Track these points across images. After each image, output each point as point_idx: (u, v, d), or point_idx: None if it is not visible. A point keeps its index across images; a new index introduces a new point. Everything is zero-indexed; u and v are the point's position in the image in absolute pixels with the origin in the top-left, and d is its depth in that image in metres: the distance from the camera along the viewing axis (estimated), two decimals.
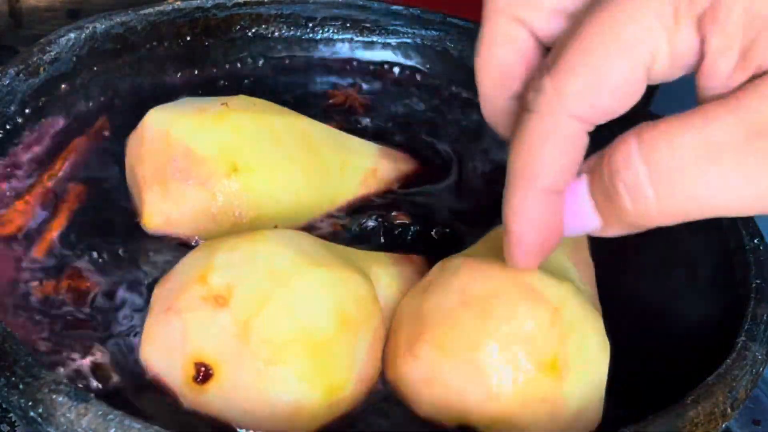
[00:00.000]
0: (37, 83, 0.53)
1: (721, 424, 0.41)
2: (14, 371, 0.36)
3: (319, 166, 0.50)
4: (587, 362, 0.41)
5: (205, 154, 0.46)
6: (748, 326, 0.44)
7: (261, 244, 0.41)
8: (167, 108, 0.49)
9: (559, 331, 0.40)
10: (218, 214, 0.46)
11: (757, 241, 0.50)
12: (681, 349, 0.48)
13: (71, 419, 0.35)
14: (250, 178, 0.47)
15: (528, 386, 0.39)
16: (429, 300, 0.42)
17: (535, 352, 0.40)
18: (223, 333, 0.38)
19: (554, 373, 0.40)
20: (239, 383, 0.38)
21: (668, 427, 0.39)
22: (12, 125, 0.51)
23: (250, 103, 0.50)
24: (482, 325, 0.40)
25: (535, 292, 0.41)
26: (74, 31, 0.55)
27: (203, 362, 0.38)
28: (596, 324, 0.42)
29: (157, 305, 0.41)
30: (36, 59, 0.52)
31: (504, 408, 0.40)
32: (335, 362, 0.39)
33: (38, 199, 0.48)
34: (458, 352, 0.40)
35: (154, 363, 0.40)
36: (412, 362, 0.41)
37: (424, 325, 0.41)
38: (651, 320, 0.49)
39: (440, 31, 0.65)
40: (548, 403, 0.40)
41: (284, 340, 0.38)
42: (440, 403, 0.40)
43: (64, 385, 0.36)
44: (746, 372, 0.42)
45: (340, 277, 0.41)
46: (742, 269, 0.49)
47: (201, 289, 0.39)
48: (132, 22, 0.58)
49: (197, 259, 0.41)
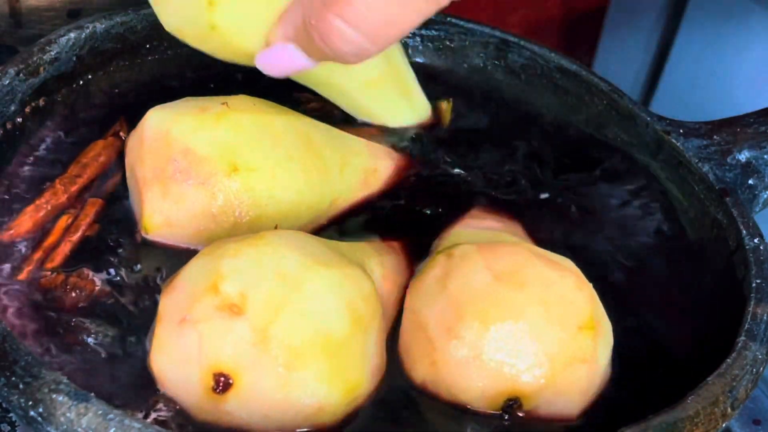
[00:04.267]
0: (37, 83, 0.53)
1: (721, 424, 0.41)
2: (14, 371, 0.36)
3: (319, 165, 0.50)
4: (607, 325, 0.44)
5: (205, 154, 0.46)
6: (748, 326, 0.45)
7: (265, 247, 0.41)
8: (167, 108, 0.49)
9: (587, 293, 0.43)
10: (218, 214, 0.46)
11: (757, 241, 0.50)
12: (681, 349, 0.48)
13: (71, 419, 0.35)
14: (250, 178, 0.46)
15: (571, 346, 0.41)
16: (455, 285, 0.43)
17: (575, 313, 0.42)
18: (241, 342, 0.38)
19: (592, 333, 0.42)
20: (260, 390, 0.38)
21: (668, 427, 0.39)
22: (12, 125, 0.51)
23: (251, 103, 0.50)
24: (521, 294, 0.41)
25: (554, 262, 0.43)
26: (74, 31, 0.55)
27: (222, 372, 0.38)
28: (594, 293, 0.44)
29: (168, 316, 0.40)
30: (36, 59, 0.52)
31: (551, 371, 0.41)
32: (351, 361, 0.40)
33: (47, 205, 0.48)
34: (503, 324, 0.41)
35: (168, 374, 0.40)
36: (456, 344, 0.41)
37: (460, 306, 0.42)
38: (651, 320, 0.49)
39: (440, 31, 0.65)
40: (586, 363, 0.42)
41: (303, 344, 0.39)
42: (488, 378, 0.41)
43: (64, 385, 0.36)
44: (746, 372, 0.42)
45: (347, 276, 0.41)
46: (742, 269, 0.49)
47: (214, 298, 0.39)
48: (132, 22, 0.58)
49: (203, 266, 0.41)
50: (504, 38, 0.64)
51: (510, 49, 0.64)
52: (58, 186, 0.49)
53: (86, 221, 0.48)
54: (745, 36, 0.89)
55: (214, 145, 0.46)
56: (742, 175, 0.55)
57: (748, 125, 0.57)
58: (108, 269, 0.46)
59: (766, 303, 0.46)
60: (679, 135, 0.57)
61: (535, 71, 0.64)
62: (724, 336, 0.46)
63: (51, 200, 0.48)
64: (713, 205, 0.54)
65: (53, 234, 0.47)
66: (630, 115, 0.59)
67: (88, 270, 0.45)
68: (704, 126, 0.58)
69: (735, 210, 0.52)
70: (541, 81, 0.64)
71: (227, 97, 0.50)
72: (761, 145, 0.55)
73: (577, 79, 0.62)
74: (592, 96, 0.61)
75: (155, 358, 0.40)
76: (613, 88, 0.61)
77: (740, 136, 0.56)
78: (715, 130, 0.57)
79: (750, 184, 0.54)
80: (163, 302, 0.41)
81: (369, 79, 0.56)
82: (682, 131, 0.57)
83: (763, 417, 0.62)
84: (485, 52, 0.65)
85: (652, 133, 0.58)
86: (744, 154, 0.55)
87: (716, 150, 0.56)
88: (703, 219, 0.55)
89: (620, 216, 0.56)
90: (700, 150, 0.56)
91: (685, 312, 0.50)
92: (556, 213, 0.55)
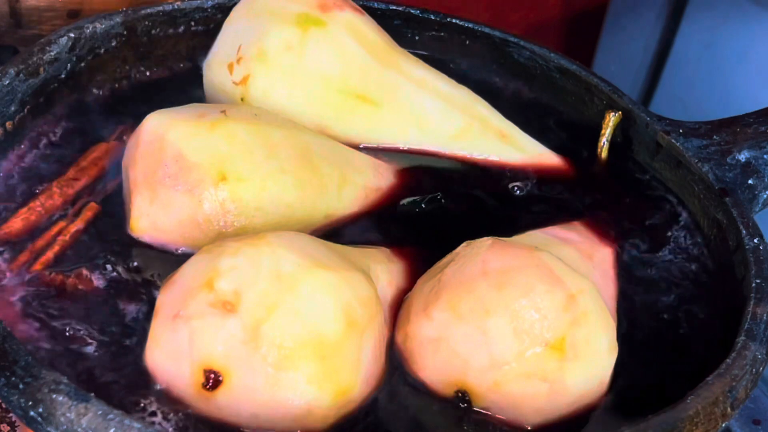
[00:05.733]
0: (37, 83, 0.53)
1: (721, 424, 0.41)
2: (14, 371, 0.36)
3: (314, 180, 0.49)
4: (593, 356, 0.42)
5: (196, 161, 0.46)
6: (748, 326, 0.44)
7: (265, 247, 0.41)
8: (167, 112, 0.49)
9: (572, 317, 0.41)
10: (204, 222, 0.46)
11: (757, 241, 0.50)
12: (681, 349, 0.48)
13: (71, 419, 0.35)
14: (238, 188, 0.46)
15: (531, 361, 0.40)
16: (450, 269, 0.43)
17: (545, 330, 0.41)
18: (232, 339, 0.38)
19: (560, 355, 0.41)
20: (249, 389, 0.38)
21: (668, 427, 0.39)
22: (12, 125, 0.51)
23: (252, 113, 0.50)
24: (497, 294, 0.41)
25: (554, 276, 0.42)
26: (74, 31, 0.55)
27: (212, 369, 0.38)
28: (608, 326, 0.43)
29: (163, 311, 0.41)
30: (36, 59, 0.52)
31: (503, 378, 0.40)
32: (343, 365, 0.40)
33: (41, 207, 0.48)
34: (470, 316, 0.41)
35: (162, 369, 0.40)
36: (425, 322, 0.42)
37: (441, 290, 0.42)
38: (651, 320, 0.49)
39: (440, 30, 0.65)
40: (548, 383, 0.41)
41: (294, 345, 0.38)
42: (444, 365, 0.41)
43: (64, 385, 0.36)
44: (746, 372, 0.42)
45: (345, 279, 0.41)
46: (742, 269, 0.49)
47: (208, 295, 0.39)
48: (132, 22, 0.58)
49: (202, 263, 0.41)
50: (504, 38, 0.64)
51: (510, 49, 0.64)
52: (54, 189, 0.49)
53: (76, 227, 0.47)
54: (745, 36, 0.89)
55: (205, 152, 0.46)
56: (742, 175, 0.55)
57: (747, 125, 0.57)
58: (105, 269, 0.46)
59: (766, 303, 0.46)
60: (679, 135, 0.57)
61: (535, 71, 0.64)
62: (724, 336, 0.46)
63: (45, 203, 0.48)
64: (713, 205, 0.54)
65: (43, 238, 0.47)
66: (630, 115, 0.59)
67: (86, 270, 0.45)
68: (704, 126, 0.58)
69: (735, 210, 0.52)
70: (541, 81, 0.64)
71: (230, 105, 0.50)
72: (761, 145, 0.55)
73: (577, 79, 0.62)
74: (592, 96, 0.61)
75: (149, 353, 0.40)
76: (613, 88, 0.61)
77: (740, 136, 0.56)
78: (714, 130, 0.57)
79: (750, 184, 0.54)
80: (160, 297, 0.41)
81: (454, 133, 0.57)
82: (682, 131, 0.57)
83: (763, 417, 0.62)
84: (485, 52, 0.65)
85: (652, 133, 0.58)
86: (744, 154, 0.55)
87: (716, 150, 0.56)
88: (702, 219, 0.55)
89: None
90: (699, 150, 0.56)
91: (685, 312, 0.50)
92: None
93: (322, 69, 0.54)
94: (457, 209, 0.54)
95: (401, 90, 0.57)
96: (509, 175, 0.57)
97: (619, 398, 0.44)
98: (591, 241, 0.52)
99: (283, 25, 0.54)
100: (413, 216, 0.53)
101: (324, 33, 0.55)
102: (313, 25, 0.54)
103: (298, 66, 0.54)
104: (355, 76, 0.55)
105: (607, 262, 0.51)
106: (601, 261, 0.51)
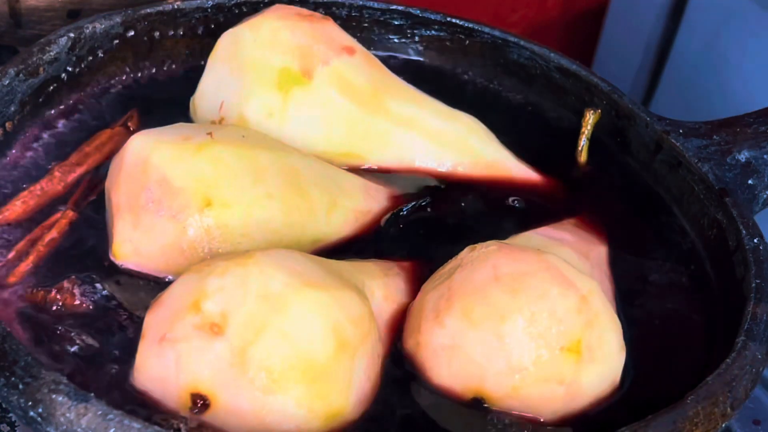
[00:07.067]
0: (37, 83, 0.53)
1: (721, 424, 0.41)
2: (14, 371, 0.36)
3: (303, 205, 0.48)
4: (606, 356, 0.42)
5: (180, 185, 0.44)
6: (748, 326, 0.44)
7: (253, 266, 0.40)
8: (152, 133, 0.47)
9: (585, 318, 0.41)
10: (188, 248, 0.44)
11: (757, 241, 0.50)
12: (681, 349, 0.48)
13: (71, 419, 0.35)
14: (223, 214, 0.45)
15: (548, 365, 0.41)
16: (460, 275, 0.43)
17: (561, 333, 0.41)
18: (219, 362, 0.38)
19: (576, 357, 0.41)
20: (237, 413, 0.38)
21: (668, 427, 0.39)
22: (12, 125, 0.51)
23: (239, 135, 0.48)
24: (512, 299, 0.41)
25: (566, 279, 0.42)
26: (74, 31, 0.55)
27: (199, 393, 0.38)
28: (617, 326, 0.43)
29: (150, 333, 0.40)
30: (36, 59, 0.52)
31: (521, 382, 0.41)
32: (334, 387, 0.39)
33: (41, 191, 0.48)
34: (485, 323, 0.41)
35: (149, 393, 0.39)
36: (438, 330, 0.42)
37: (453, 296, 0.42)
38: (650, 320, 0.49)
39: (440, 31, 0.65)
40: (565, 385, 0.41)
41: (282, 368, 0.38)
42: (459, 372, 0.41)
43: (64, 385, 0.36)
44: (746, 372, 0.42)
45: (335, 298, 0.40)
46: (742, 269, 0.49)
47: (195, 317, 0.38)
48: (132, 22, 0.58)
49: (189, 284, 0.40)
50: (504, 38, 0.64)
51: (510, 49, 0.64)
52: (56, 173, 0.49)
53: (50, 236, 0.46)
54: (745, 36, 0.89)
55: (190, 176, 0.45)
56: (742, 175, 0.55)
57: (747, 125, 0.57)
58: (89, 283, 0.44)
59: (765, 303, 0.46)
60: (678, 135, 0.57)
61: (535, 71, 0.64)
62: (724, 336, 0.46)
63: (46, 187, 0.48)
64: (713, 205, 0.54)
65: (17, 248, 0.45)
66: (630, 115, 0.59)
67: (68, 283, 0.44)
68: (704, 126, 0.58)
69: (735, 210, 0.52)
70: (541, 81, 0.64)
71: (217, 126, 0.49)
72: (761, 145, 0.55)
73: (577, 79, 0.62)
74: (592, 96, 0.61)
75: (137, 376, 0.40)
76: (613, 88, 0.61)
77: (740, 136, 0.56)
78: (714, 130, 0.57)
79: (750, 184, 0.54)
80: (147, 318, 0.40)
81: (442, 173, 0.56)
82: (681, 131, 0.57)
83: (763, 417, 0.62)
84: (485, 51, 0.65)
85: (652, 133, 0.58)
86: (744, 154, 0.55)
87: (716, 150, 0.56)
88: (702, 219, 0.55)
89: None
90: (699, 150, 0.56)
91: (684, 312, 0.50)
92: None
93: (304, 134, 0.53)
94: (447, 220, 0.53)
95: (389, 136, 0.55)
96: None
97: (619, 399, 0.44)
98: (585, 240, 0.52)
99: (264, 88, 0.52)
100: (402, 233, 0.52)
101: (307, 93, 0.53)
102: (296, 85, 0.53)
103: (279, 133, 0.52)
104: (340, 132, 0.54)
105: (603, 260, 0.51)
106: (597, 260, 0.51)
